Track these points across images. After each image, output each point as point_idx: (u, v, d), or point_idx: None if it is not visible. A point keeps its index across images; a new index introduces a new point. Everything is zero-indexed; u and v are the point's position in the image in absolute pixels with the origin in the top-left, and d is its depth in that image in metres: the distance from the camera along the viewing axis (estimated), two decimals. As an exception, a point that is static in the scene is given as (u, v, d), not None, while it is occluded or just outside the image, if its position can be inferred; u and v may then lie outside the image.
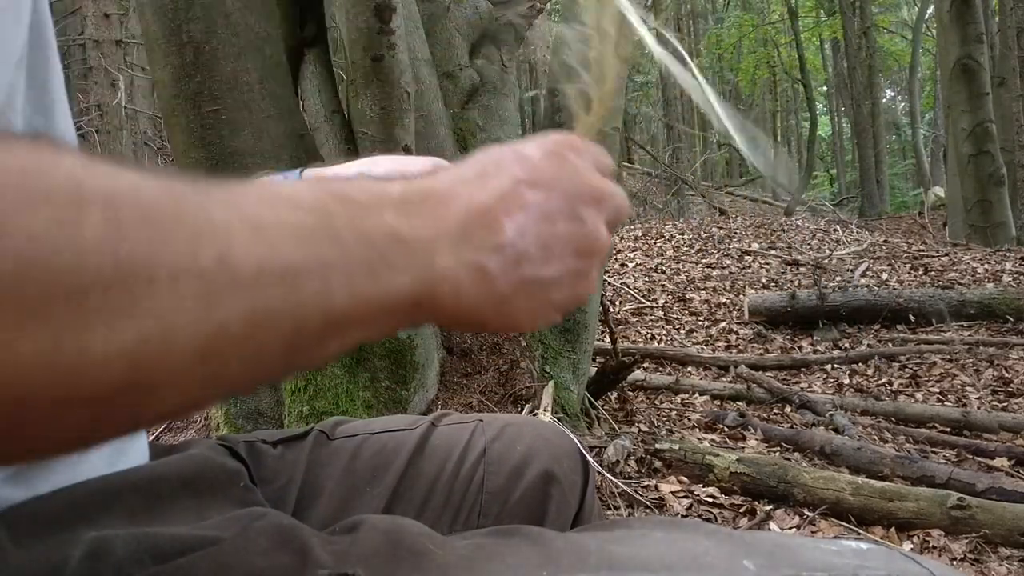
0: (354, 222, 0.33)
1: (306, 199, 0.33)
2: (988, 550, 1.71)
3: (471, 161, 0.41)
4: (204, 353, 0.28)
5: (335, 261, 0.32)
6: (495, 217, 0.38)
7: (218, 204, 0.29)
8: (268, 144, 1.85)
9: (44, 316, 0.24)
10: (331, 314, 0.32)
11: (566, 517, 0.66)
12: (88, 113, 6.41)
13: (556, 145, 0.42)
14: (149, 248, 0.26)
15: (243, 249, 0.29)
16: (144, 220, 0.26)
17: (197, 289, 0.27)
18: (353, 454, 0.65)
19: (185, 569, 0.40)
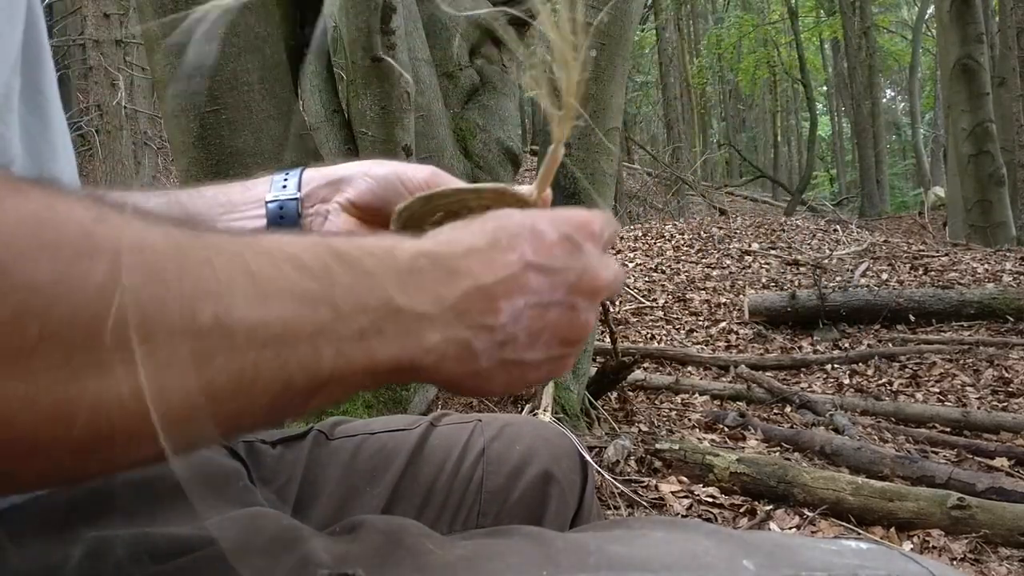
0: (354, 290, 0.34)
1: (311, 260, 0.33)
2: (988, 550, 1.71)
3: (488, 225, 0.40)
4: (190, 409, 0.28)
5: (328, 327, 0.32)
6: (494, 299, 0.38)
7: (224, 257, 0.30)
8: (268, 144, 1.85)
9: (34, 364, 0.24)
10: (317, 376, 0.33)
11: (565, 517, 0.66)
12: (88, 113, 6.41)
13: (575, 228, 0.41)
14: (150, 306, 0.26)
15: (241, 310, 0.29)
16: (148, 276, 0.27)
17: (192, 348, 0.27)
18: (352, 454, 0.65)
19: (185, 569, 0.40)
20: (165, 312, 0.27)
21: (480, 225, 0.41)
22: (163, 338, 0.26)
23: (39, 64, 0.43)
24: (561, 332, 0.40)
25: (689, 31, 21.45)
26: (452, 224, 0.41)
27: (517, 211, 0.42)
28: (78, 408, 0.25)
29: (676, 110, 16.12)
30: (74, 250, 0.25)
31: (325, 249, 0.34)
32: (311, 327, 0.32)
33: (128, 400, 0.26)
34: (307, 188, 0.58)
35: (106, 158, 6.32)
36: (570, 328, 0.41)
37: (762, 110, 25.20)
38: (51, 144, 0.44)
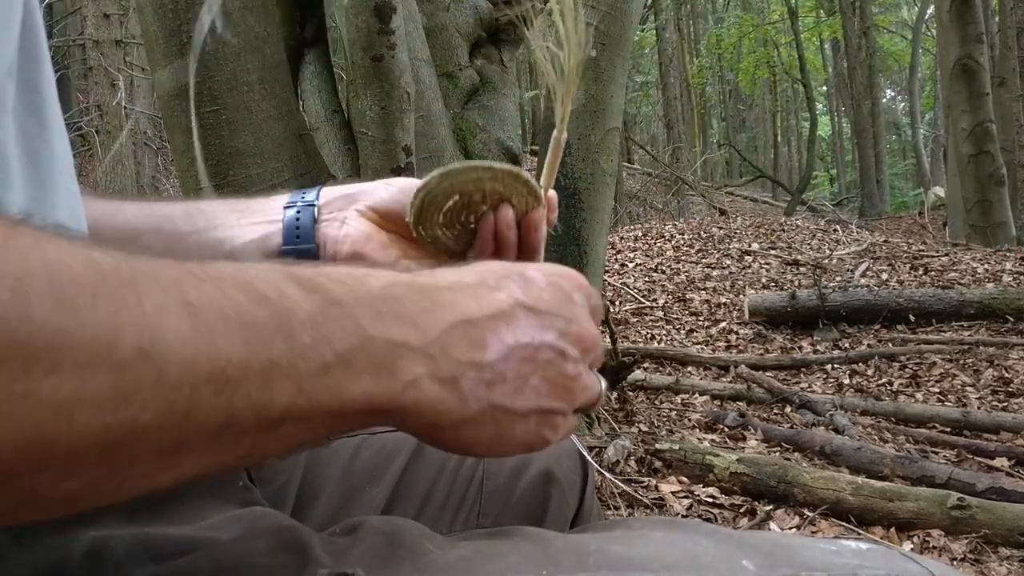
0: (316, 319, 0.31)
1: (265, 287, 0.30)
2: (988, 550, 1.71)
3: (474, 268, 0.40)
4: (108, 446, 0.26)
5: (283, 360, 0.30)
6: (482, 333, 0.36)
7: (156, 284, 0.27)
8: (268, 144, 1.85)
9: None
10: (267, 415, 0.30)
11: (565, 517, 0.66)
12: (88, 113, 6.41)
13: (562, 279, 0.41)
14: (55, 337, 0.24)
15: (172, 342, 0.27)
16: (56, 304, 0.24)
17: (110, 383, 0.25)
18: (352, 454, 0.65)
19: (185, 569, 0.40)
20: (74, 343, 0.24)
21: (465, 267, 0.40)
22: (71, 370, 0.24)
23: (37, 65, 0.43)
24: (551, 379, 0.38)
25: (689, 31, 21.45)
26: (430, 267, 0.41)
27: (501, 262, 0.42)
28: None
29: (676, 110, 16.12)
30: (77, 289, 0.24)
31: (284, 276, 0.32)
32: (261, 361, 0.29)
33: (33, 433, 0.24)
34: (325, 199, 0.59)
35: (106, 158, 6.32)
36: (560, 377, 0.39)
37: (762, 110, 25.20)
38: (49, 146, 0.44)
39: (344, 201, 0.58)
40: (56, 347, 0.24)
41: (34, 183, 0.42)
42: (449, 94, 2.39)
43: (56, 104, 0.45)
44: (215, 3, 0.44)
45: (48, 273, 0.25)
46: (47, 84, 0.44)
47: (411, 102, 1.79)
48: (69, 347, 0.24)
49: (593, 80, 2.23)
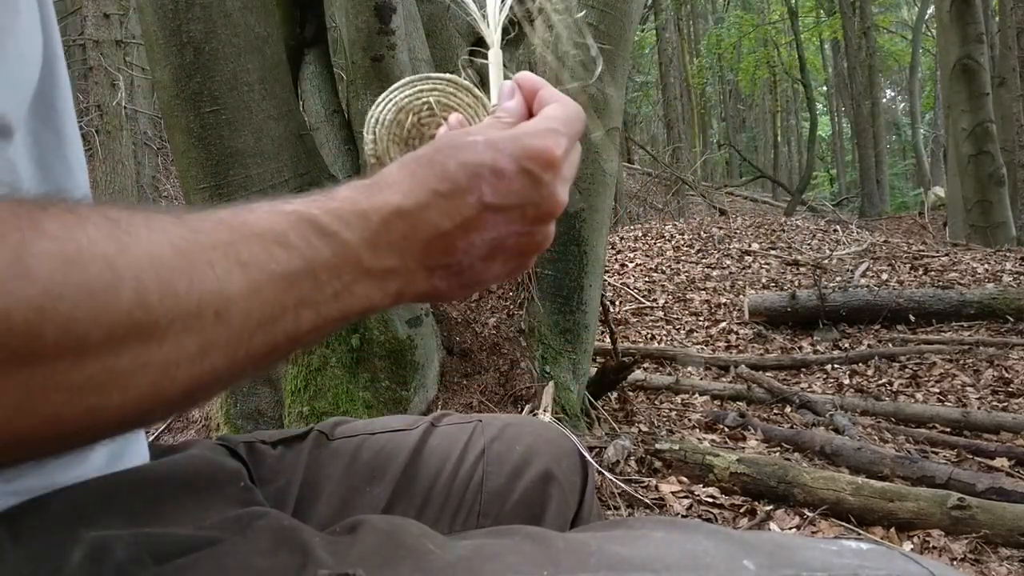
0: (331, 261, 0.38)
1: (296, 239, 0.37)
2: (988, 550, 1.71)
3: (451, 163, 0.41)
4: (192, 389, 0.34)
5: (309, 296, 0.37)
6: (452, 241, 0.41)
7: (219, 251, 0.34)
8: (268, 144, 1.85)
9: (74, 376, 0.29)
10: (297, 336, 0.38)
11: (566, 517, 0.66)
12: (88, 113, 6.41)
13: (535, 160, 0.42)
14: (163, 317, 0.31)
15: (238, 302, 0.34)
16: (163, 292, 0.31)
17: (198, 343, 0.33)
18: (353, 454, 0.65)
19: (185, 569, 0.40)
20: (176, 319, 0.32)
21: (443, 160, 0.42)
22: (173, 339, 0.32)
23: (53, 79, 0.43)
24: (517, 252, 0.44)
25: (689, 31, 21.44)
26: (417, 156, 0.43)
27: (481, 139, 0.42)
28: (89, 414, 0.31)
29: (676, 110, 16.12)
30: (102, 285, 0.30)
31: (308, 226, 0.38)
32: (295, 300, 0.37)
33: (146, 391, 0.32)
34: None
35: (106, 158, 6.31)
36: (527, 247, 0.44)
37: (762, 110, 25.20)
38: (65, 159, 0.44)
39: None
40: (163, 326, 0.31)
41: None
42: (449, 94, 2.38)
43: (72, 117, 0.45)
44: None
45: (153, 269, 0.31)
46: (63, 97, 0.44)
47: (411, 102, 1.79)
48: (174, 323, 0.32)
49: (593, 80, 2.23)
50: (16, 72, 0.37)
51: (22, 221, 0.29)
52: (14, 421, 0.29)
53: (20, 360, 0.28)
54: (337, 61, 2.58)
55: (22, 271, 0.28)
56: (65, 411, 0.30)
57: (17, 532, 0.40)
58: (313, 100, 2.21)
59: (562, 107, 0.47)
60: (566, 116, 0.46)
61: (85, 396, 0.30)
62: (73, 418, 0.30)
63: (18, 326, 0.27)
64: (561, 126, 0.45)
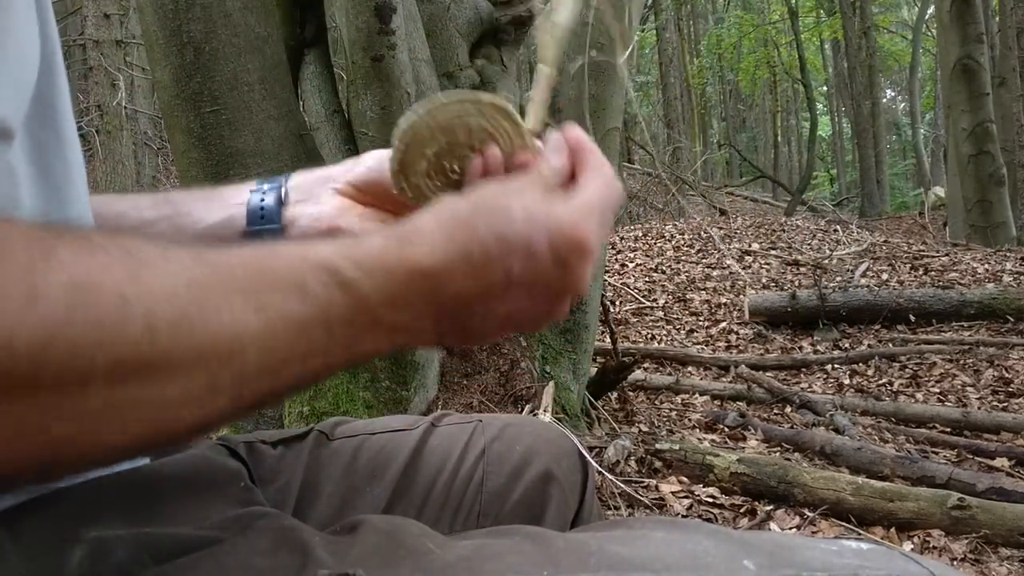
0: (347, 315, 0.38)
1: (315, 286, 0.37)
2: (988, 550, 1.71)
3: (491, 230, 0.41)
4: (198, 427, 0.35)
5: (320, 345, 0.37)
6: (470, 307, 0.41)
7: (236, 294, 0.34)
8: (268, 144, 1.85)
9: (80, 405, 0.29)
10: (302, 381, 0.38)
11: (566, 517, 0.66)
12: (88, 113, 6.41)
13: (571, 249, 0.42)
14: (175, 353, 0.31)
15: (249, 347, 0.34)
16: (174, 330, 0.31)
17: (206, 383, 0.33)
18: (353, 454, 0.65)
19: (185, 569, 0.40)
20: (184, 356, 0.32)
21: (480, 226, 0.41)
22: (180, 376, 0.32)
23: (52, 79, 0.43)
24: (530, 321, 0.44)
25: (689, 31, 21.45)
26: (455, 214, 0.41)
27: (522, 211, 0.41)
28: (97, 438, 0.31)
29: (676, 110, 16.12)
30: (111, 317, 0.29)
31: (330, 276, 0.37)
32: (305, 348, 0.36)
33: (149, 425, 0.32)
34: (295, 180, 0.60)
35: (106, 158, 6.31)
36: (541, 318, 0.44)
37: (762, 110, 25.19)
38: (65, 160, 0.44)
39: (318, 181, 0.59)
40: (173, 361, 0.31)
41: (48, 199, 0.42)
42: (449, 94, 2.38)
43: (70, 117, 0.45)
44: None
45: (167, 303, 0.31)
46: (62, 97, 0.44)
47: (411, 102, 1.80)
48: (183, 361, 0.31)
49: (593, 80, 2.23)
50: (16, 74, 0.37)
51: (35, 247, 0.29)
52: (13, 446, 0.29)
53: (22, 387, 0.28)
54: (337, 61, 2.58)
55: (31, 298, 0.27)
56: (65, 440, 0.30)
57: (17, 532, 0.40)
58: (313, 100, 2.21)
59: (603, 185, 0.46)
60: (605, 197, 0.45)
61: (86, 426, 0.30)
62: (73, 447, 0.30)
63: (22, 353, 0.27)
64: (599, 212, 0.44)
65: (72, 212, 0.44)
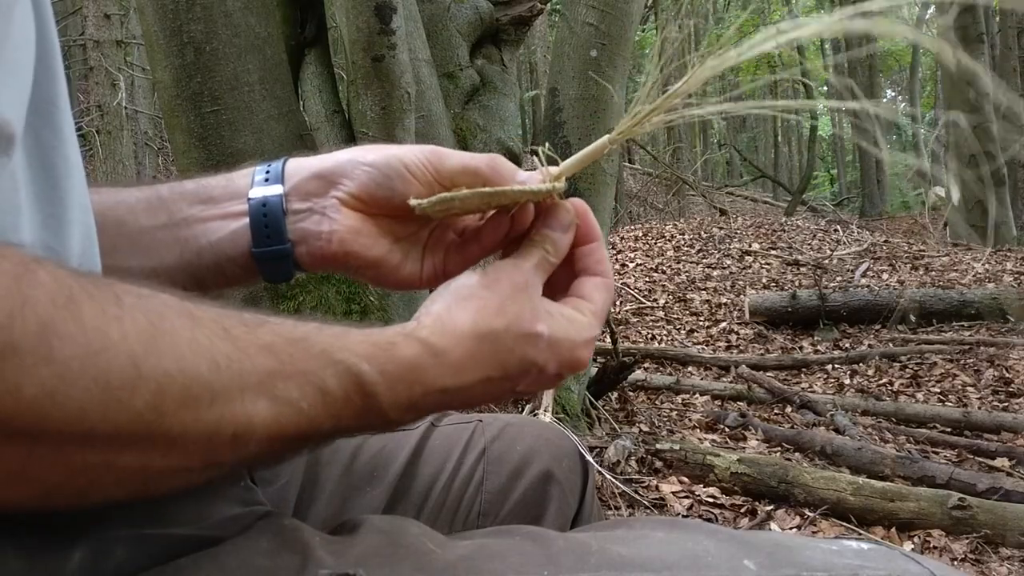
0: (359, 414, 0.39)
1: (334, 389, 0.38)
2: (989, 550, 1.71)
3: (510, 360, 0.43)
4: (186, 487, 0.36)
5: (325, 432, 0.39)
6: (453, 396, 0.42)
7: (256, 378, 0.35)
8: (269, 144, 1.85)
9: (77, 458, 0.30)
10: (295, 452, 0.40)
11: (566, 517, 0.66)
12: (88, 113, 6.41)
13: (569, 369, 0.46)
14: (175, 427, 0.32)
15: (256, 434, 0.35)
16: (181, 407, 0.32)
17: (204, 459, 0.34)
18: (353, 454, 0.65)
19: (185, 569, 0.40)
20: (188, 432, 0.32)
21: (507, 350, 0.43)
22: (179, 450, 0.33)
23: (52, 75, 0.43)
24: (509, 397, 0.47)
25: (689, 31, 21.42)
26: (487, 334, 0.43)
27: (547, 337, 0.44)
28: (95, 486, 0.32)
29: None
30: (120, 382, 0.30)
31: (352, 380, 0.38)
32: (311, 434, 0.38)
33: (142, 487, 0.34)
34: (292, 181, 0.54)
35: (106, 158, 6.31)
36: (517, 394, 0.47)
37: (762, 110, 25.11)
38: (66, 159, 0.43)
39: (316, 184, 0.53)
40: (175, 435, 0.32)
41: (51, 200, 0.42)
42: (450, 94, 2.39)
43: (69, 114, 0.45)
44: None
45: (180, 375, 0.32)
46: (61, 94, 0.44)
47: (412, 102, 1.79)
48: (185, 436, 0.32)
49: (593, 80, 2.23)
50: (17, 78, 0.37)
51: (60, 298, 0.29)
52: (7, 487, 0.30)
53: (23, 435, 0.28)
54: (337, 61, 2.58)
55: (44, 351, 0.28)
56: (58, 486, 0.31)
57: (16, 533, 0.39)
58: (313, 100, 2.21)
59: (607, 299, 0.49)
60: (604, 308, 0.48)
61: (80, 478, 0.31)
62: (64, 493, 0.32)
63: (26, 404, 0.28)
64: (597, 328, 0.48)
65: (73, 213, 0.44)
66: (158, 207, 0.56)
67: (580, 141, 2.25)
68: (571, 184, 2.28)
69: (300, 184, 0.53)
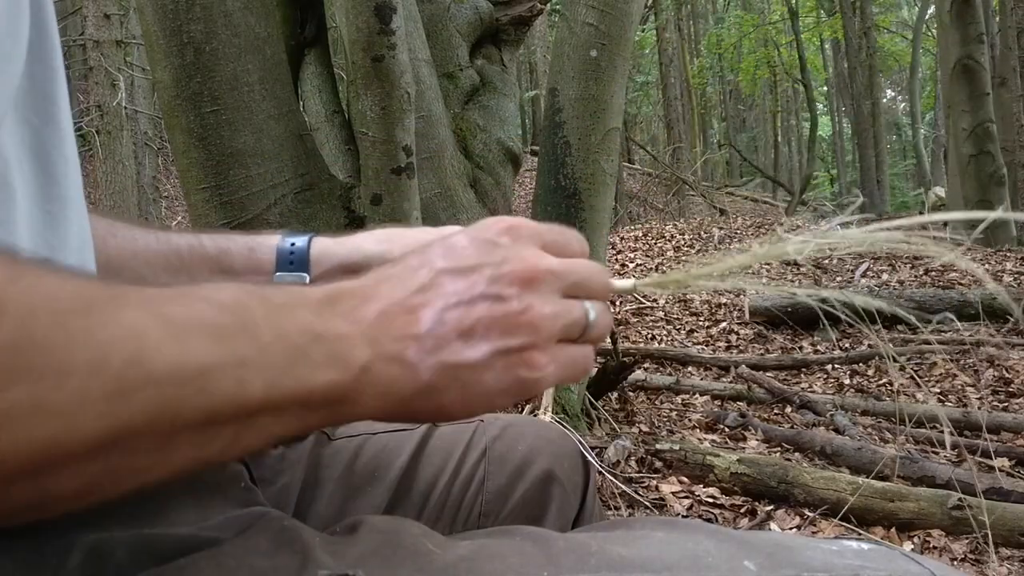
0: (270, 319, 0.34)
1: (223, 297, 0.34)
2: (989, 550, 1.71)
3: (402, 259, 0.41)
4: (107, 447, 0.29)
5: (251, 357, 0.33)
6: (411, 309, 0.38)
7: (132, 305, 0.31)
8: (268, 144, 1.85)
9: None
10: (246, 407, 0.33)
11: (567, 517, 0.66)
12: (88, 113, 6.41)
13: (488, 230, 0.42)
14: (59, 354, 0.28)
15: (154, 351, 0.30)
16: (55, 327, 0.28)
17: (104, 389, 0.29)
18: (354, 454, 0.65)
19: (186, 570, 0.40)
20: (73, 359, 0.28)
21: (396, 261, 0.41)
22: (73, 382, 0.28)
23: (52, 74, 0.43)
24: (496, 323, 0.39)
25: (689, 31, 21.44)
26: None
27: (429, 237, 0.43)
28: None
29: (676, 110, 16.12)
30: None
31: (238, 288, 0.35)
32: (231, 359, 0.32)
33: (45, 442, 0.28)
34: (317, 270, 0.55)
35: (106, 158, 6.31)
36: (506, 316, 0.39)
37: (762, 110, 25.18)
38: (65, 157, 0.44)
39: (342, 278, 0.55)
40: (60, 364, 0.28)
41: (50, 197, 0.42)
42: (449, 94, 2.39)
43: (68, 113, 0.45)
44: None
45: (47, 303, 0.28)
46: (62, 94, 0.44)
47: (411, 102, 1.79)
48: (72, 361, 0.28)
49: (593, 80, 2.23)
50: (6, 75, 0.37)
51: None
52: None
53: None
54: (337, 61, 2.58)
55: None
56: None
57: (15, 534, 0.39)
58: (313, 100, 2.21)
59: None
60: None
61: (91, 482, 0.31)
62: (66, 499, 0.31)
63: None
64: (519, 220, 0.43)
65: (71, 212, 0.44)
66: (178, 267, 0.56)
67: (580, 141, 2.25)
68: (572, 184, 2.28)
69: (325, 275, 0.54)
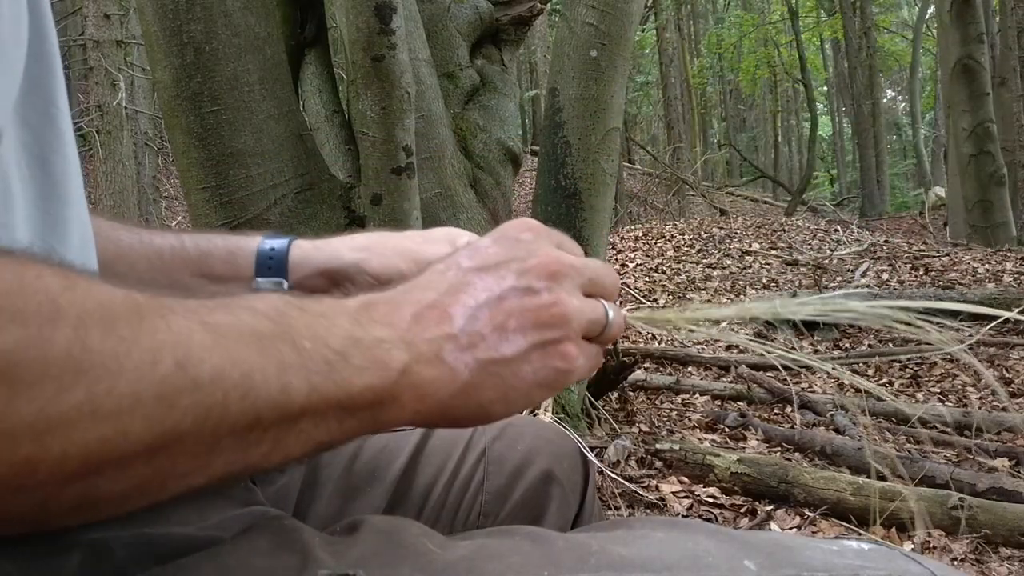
0: (310, 326, 0.36)
1: (264, 307, 0.35)
2: (989, 550, 1.71)
3: (428, 267, 0.43)
4: (155, 450, 0.30)
5: (292, 362, 0.34)
6: (444, 309, 0.39)
7: (179, 313, 0.32)
8: (268, 144, 1.85)
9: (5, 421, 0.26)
10: (288, 411, 0.34)
11: (567, 517, 0.66)
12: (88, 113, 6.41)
13: (507, 230, 0.43)
14: (112, 359, 0.29)
15: (200, 355, 0.31)
16: (108, 333, 0.29)
17: (155, 392, 0.29)
18: (354, 454, 0.65)
19: (185, 570, 0.40)
20: (124, 364, 0.29)
21: (425, 270, 0.43)
22: (124, 386, 0.29)
23: (52, 74, 0.43)
24: (529, 315, 0.40)
25: (689, 31, 21.45)
26: None
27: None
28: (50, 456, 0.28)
29: (676, 110, 16.12)
30: (41, 319, 0.27)
31: (278, 298, 0.36)
32: (275, 364, 0.33)
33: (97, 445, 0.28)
34: (297, 275, 0.56)
35: (106, 158, 6.31)
36: (537, 309, 0.40)
37: (762, 110, 25.19)
38: (64, 156, 0.43)
39: (322, 283, 0.56)
40: (113, 370, 0.29)
41: (51, 198, 0.42)
42: (449, 94, 2.39)
43: (68, 114, 0.45)
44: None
45: (101, 311, 0.29)
46: (61, 94, 0.44)
47: (411, 102, 1.79)
48: (120, 367, 0.29)
49: (593, 80, 2.23)
50: (3, 75, 0.37)
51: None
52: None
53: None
54: (337, 61, 2.58)
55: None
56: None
57: (16, 534, 0.39)
58: (313, 100, 2.21)
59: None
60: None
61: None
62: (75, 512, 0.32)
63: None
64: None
65: (71, 211, 0.44)
66: (159, 269, 0.57)
67: (580, 141, 2.25)
68: (572, 184, 2.28)
69: (304, 280, 0.56)
